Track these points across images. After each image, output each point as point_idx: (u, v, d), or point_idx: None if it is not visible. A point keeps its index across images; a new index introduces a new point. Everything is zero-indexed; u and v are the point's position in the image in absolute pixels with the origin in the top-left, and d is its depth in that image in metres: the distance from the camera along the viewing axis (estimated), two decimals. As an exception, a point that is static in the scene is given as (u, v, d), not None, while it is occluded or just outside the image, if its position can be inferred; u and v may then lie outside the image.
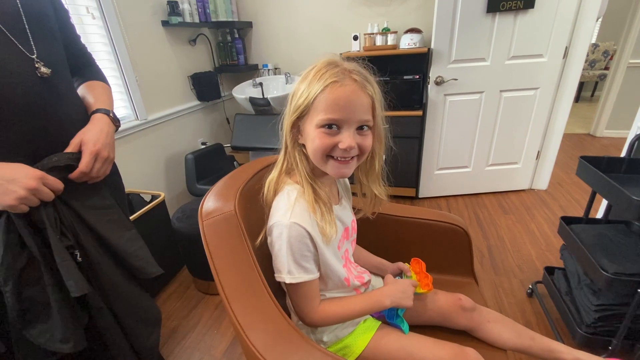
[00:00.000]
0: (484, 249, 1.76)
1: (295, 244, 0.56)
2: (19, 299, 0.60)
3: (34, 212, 0.60)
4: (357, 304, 0.65)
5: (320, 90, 0.55)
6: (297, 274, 0.57)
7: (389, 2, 2.17)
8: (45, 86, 0.63)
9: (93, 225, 0.69)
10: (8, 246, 0.58)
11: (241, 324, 0.46)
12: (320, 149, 0.57)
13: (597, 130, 3.39)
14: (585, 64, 4.80)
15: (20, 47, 0.59)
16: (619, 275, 0.98)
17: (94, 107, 0.74)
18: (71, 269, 0.62)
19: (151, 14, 1.84)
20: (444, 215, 0.87)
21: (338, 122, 0.56)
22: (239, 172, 0.70)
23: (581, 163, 1.15)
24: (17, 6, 0.60)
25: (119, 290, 0.72)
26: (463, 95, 2.01)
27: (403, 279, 0.76)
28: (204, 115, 2.37)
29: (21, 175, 0.56)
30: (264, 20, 2.45)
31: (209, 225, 0.57)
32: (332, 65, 0.57)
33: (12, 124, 0.59)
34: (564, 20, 1.83)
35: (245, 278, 0.52)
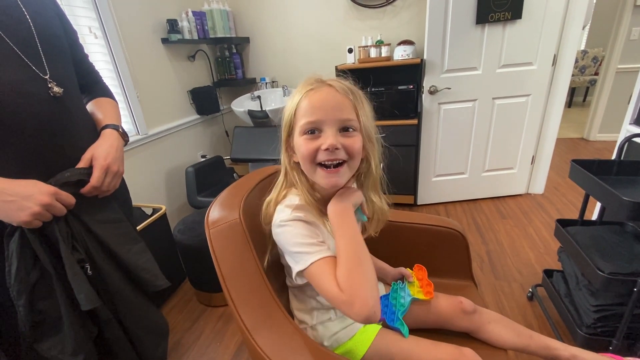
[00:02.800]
0: (483, 254, 1.77)
1: (299, 231, 0.56)
2: (32, 312, 0.61)
3: (46, 227, 0.62)
4: (339, 237, 0.56)
5: (298, 100, 0.58)
6: (317, 251, 0.55)
7: (382, 15, 2.24)
8: (57, 105, 0.66)
9: (103, 238, 0.71)
10: (22, 261, 0.60)
11: (248, 327, 0.48)
12: (306, 156, 0.57)
13: (590, 135, 3.45)
14: (576, 70, 4.92)
15: (34, 68, 0.63)
16: (615, 275, 1.00)
17: (103, 122, 0.77)
18: (82, 283, 0.64)
19: (151, 32, 1.89)
20: (441, 220, 0.89)
21: (317, 124, 0.56)
22: (242, 182, 0.72)
23: (573, 166, 1.19)
24: (31, 28, 0.63)
25: (127, 302, 0.74)
26: (457, 103, 2.06)
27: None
28: (203, 128, 2.41)
29: (35, 192, 0.59)
30: (261, 35, 2.52)
31: (215, 234, 0.59)
32: (310, 79, 0.61)
33: (26, 142, 0.61)
34: (551, 29, 1.90)
35: (251, 284, 0.54)
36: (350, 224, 0.57)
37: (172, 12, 2.03)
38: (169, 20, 1.94)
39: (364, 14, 2.26)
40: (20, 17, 0.62)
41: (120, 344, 0.73)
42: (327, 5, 2.30)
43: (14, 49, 0.60)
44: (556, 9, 1.85)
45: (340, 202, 0.59)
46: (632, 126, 1.30)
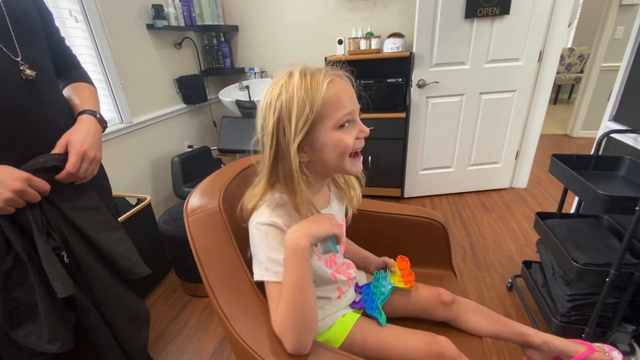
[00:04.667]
0: (466, 246, 1.81)
1: (271, 242, 0.55)
2: (6, 301, 0.60)
3: (20, 214, 0.61)
4: (286, 275, 0.52)
5: (324, 93, 0.52)
6: (273, 273, 0.54)
7: (373, 7, 2.22)
8: (30, 88, 0.64)
9: (80, 226, 0.70)
10: None
11: (226, 314, 0.48)
12: (348, 149, 0.55)
13: (573, 131, 3.53)
14: (562, 68, 5.01)
15: (4, 49, 0.60)
16: (589, 266, 1.04)
17: (80, 108, 0.74)
18: (57, 270, 0.63)
19: (136, 17, 1.84)
20: (423, 211, 0.91)
21: (352, 114, 0.56)
22: (224, 172, 0.72)
23: (553, 161, 1.22)
24: (1, 9, 0.61)
25: (107, 290, 0.73)
26: (444, 97, 2.08)
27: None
28: (190, 118, 2.37)
29: (7, 177, 0.57)
30: (250, 24, 2.47)
31: (194, 221, 0.58)
32: (309, 70, 0.55)
33: (2, 132, 0.59)
34: (537, 26, 1.92)
35: (230, 271, 0.54)
36: (300, 264, 0.51)
37: (158, -3, 1.97)
38: (154, 6, 1.88)
39: (355, 5, 2.24)
40: None
41: (100, 332, 0.73)
42: (318, -5, 2.27)
43: None
44: (543, 6, 1.87)
45: (303, 236, 0.51)
46: (611, 122, 1.34)
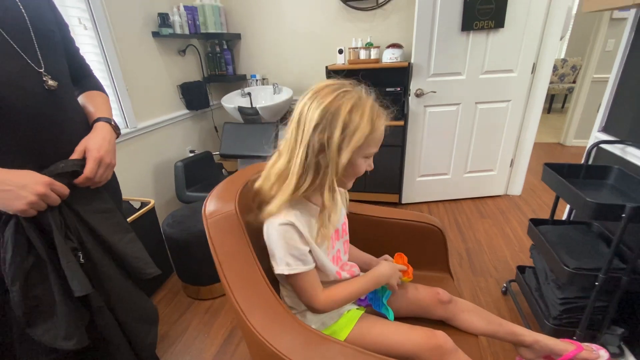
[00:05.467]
0: (462, 251, 1.85)
1: (289, 239, 0.63)
2: (26, 299, 0.63)
3: (41, 216, 0.64)
4: (358, 283, 0.73)
5: (370, 132, 0.63)
6: (295, 266, 0.64)
7: (372, 18, 2.29)
8: (51, 98, 0.67)
9: (95, 228, 0.73)
10: (16, 248, 0.62)
11: (242, 309, 0.52)
12: (359, 175, 0.68)
13: (566, 140, 3.61)
14: (556, 78, 5.12)
15: (29, 61, 0.64)
16: (579, 270, 1.08)
17: (95, 116, 0.78)
18: (75, 270, 0.66)
19: (142, 25, 1.88)
20: (421, 216, 0.95)
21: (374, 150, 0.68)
22: (236, 177, 0.75)
23: (545, 169, 1.27)
24: (26, 22, 0.65)
25: (118, 290, 0.76)
26: (441, 106, 2.14)
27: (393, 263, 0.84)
28: (192, 123, 2.41)
29: (31, 182, 0.60)
30: (252, 33, 2.53)
31: (213, 223, 0.62)
32: (368, 101, 0.65)
33: (21, 134, 0.63)
34: (531, 38, 2.00)
35: (246, 270, 0.58)
36: (373, 287, 0.75)
37: (164, 5, 2.02)
38: (160, 14, 1.93)
39: (355, 16, 2.30)
40: (15, 10, 0.64)
41: (111, 330, 0.76)
42: (319, 5, 2.33)
43: (10, 42, 0.61)
44: (536, 20, 1.95)
45: (382, 276, 0.76)
46: (600, 133, 1.40)
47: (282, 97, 2.39)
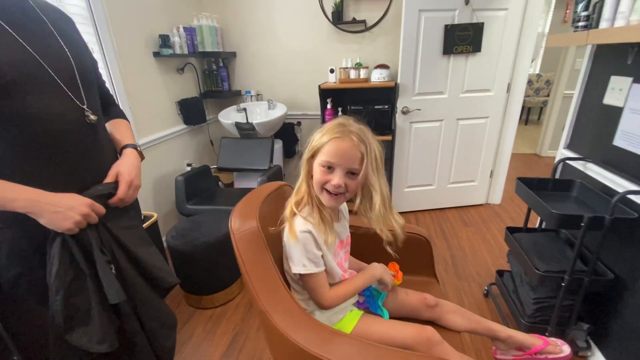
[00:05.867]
0: (448, 258, 1.99)
1: (307, 245, 0.76)
2: (66, 307, 0.71)
3: (82, 233, 0.73)
4: (357, 280, 0.87)
5: (327, 141, 0.75)
6: (310, 267, 0.77)
7: (361, 40, 2.45)
8: (91, 130, 0.77)
9: (123, 242, 0.82)
10: (62, 262, 0.70)
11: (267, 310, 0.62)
12: (318, 182, 0.78)
13: (542, 151, 3.86)
14: (531, 91, 5.45)
15: (74, 99, 0.74)
16: (548, 273, 1.23)
17: (123, 143, 0.88)
18: (111, 280, 0.75)
19: (144, 46, 1.98)
20: (410, 227, 1.07)
21: (332, 164, 0.76)
22: (254, 195, 0.86)
23: (518, 183, 1.43)
24: (72, 64, 0.75)
25: (144, 298, 0.85)
26: (426, 122, 2.30)
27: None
28: (189, 138, 2.49)
29: (76, 204, 0.70)
30: (247, 51, 2.65)
31: (240, 238, 0.72)
32: (341, 125, 0.77)
33: (65, 162, 0.73)
34: (505, 61, 2.20)
35: (268, 277, 0.68)
36: (369, 280, 0.90)
37: (164, 27, 2.12)
38: (161, 36, 2.03)
39: (345, 38, 2.46)
40: (63, 54, 0.74)
41: (137, 335, 0.84)
42: (311, 26, 2.48)
43: (60, 83, 0.71)
44: (509, 46, 2.15)
45: (376, 273, 0.91)
46: (565, 150, 1.57)
47: (277, 112, 2.51)
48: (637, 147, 1.13)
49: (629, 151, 1.16)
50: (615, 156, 1.24)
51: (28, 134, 0.67)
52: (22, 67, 0.65)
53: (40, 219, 0.67)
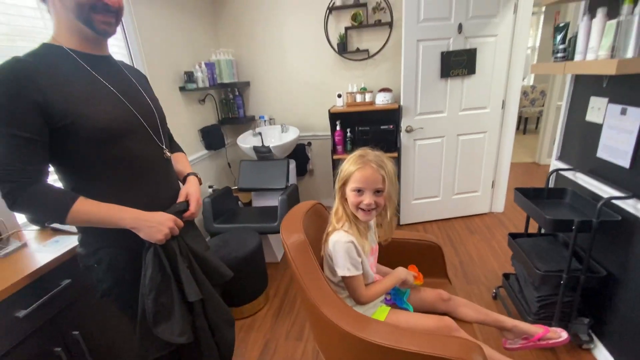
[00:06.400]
0: (457, 264, 2.14)
1: (350, 252, 0.93)
2: (155, 304, 0.87)
3: (167, 243, 0.90)
4: (386, 281, 1.05)
5: (353, 171, 0.95)
6: (353, 270, 0.94)
7: (365, 66, 2.68)
8: (166, 163, 0.97)
9: (194, 248, 0.99)
10: (154, 267, 0.87)
11: (317, 304, 0.78)
12: (353, 203, 0.97)
13: (540, 159, 4.03)
14: (527, 102, 5.67)
15: (157, 141, 0.94)
16: (548, 272, 1.38)
17: (186, 172, 1.08)
18: (191, 281, 0.92)
19: (172, 82, 2.21)
20: (423, 236, 1.24)
21: (362, 188, 0.95)
22: (295, 213, 1.03)
23: (516, 193, 1.59)
24: (155, 115, 0.96)
25: (210, 297, 1.00)
26: (429, 139, 2.49)
27: None
28: (210, 161, 2.69)
29: (165, 219, 0.87)
30: (260, 79, 2.89)
31: (292, 247, 0.89)
32: (361, 157, 0.97)
33: (150, 189, 0.92)
34: (498, 81, 2.40)
35: (316, 279, 0.84)
36: (396, 280, 1.07)
37: (188, 64, 2.36)
38: (186, 72, 2.26)
39: (350, 65, 2.69)
40: (149, 106, 0.94)
41: (204, 330, 0.99)
42: (318, 56, 2.72)
43: (149, 131, 0.92)
44: (501, 67, 2.36)
45: (401, 275, 1.08)
46: (557, 161, 1.74)
47: (290, 136, 2.72)
48: (616, 158, 1.30)
49: (610, 162, 1.33)
50: (599, 166, 1.41)
51: (126, 169, 0.86)
52: (125, 121, 0.85)
53: (140, 233, 0.84)
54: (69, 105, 0.75)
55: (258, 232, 1.98)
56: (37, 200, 0.75)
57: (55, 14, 0.79)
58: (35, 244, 1.16)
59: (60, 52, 0.79)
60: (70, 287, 1.06)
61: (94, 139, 0.79)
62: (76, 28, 0.79)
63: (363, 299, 0.97)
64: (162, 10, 2.12)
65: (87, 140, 0.78)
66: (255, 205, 2.63)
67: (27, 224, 1.29)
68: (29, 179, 0.74)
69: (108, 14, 0.79)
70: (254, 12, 2.69)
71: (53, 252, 1.07)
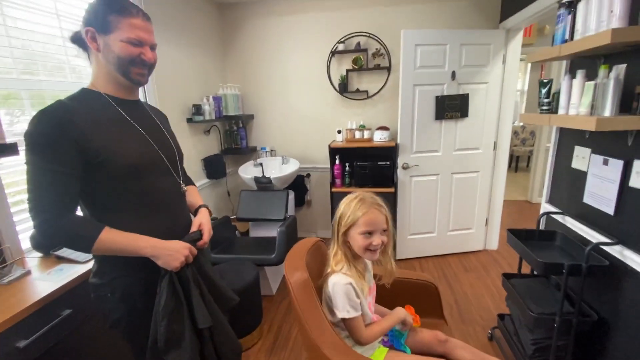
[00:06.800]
0: (452, 302, 2.14)
1: (349, 294, 0.96)
2: (167, 331, 0.88)
3: (182, 270, 0.93)
4: (385, 322, 1.07)
5: (360, 216, 1.00)
6: (352, 312, 0.96)
7: (363, 105, 2.83)
8: (183, 198, 1.04)
9: (207, 273, 1.02)
10: (169, 293, 0.89)
11: (319, 344, 0.80)
12: (362, 246, 1.01)
13: (532, 198, 4.13)
14: (518, 141, 5.89)
15: (176, 176, 1.00)
16: (541, 315, 1.40)
17: (197, 204, 1.13)
18: (202, 308, 0.93)
19: (180, 114, 2.31)
20: (419, 275, 1.27)
21: (371, 231, 1.01)
22: (297, 250, 1.07)
23: (508, 234, 1.65)
24: (175, 152, 1.02)
25: (219, 324, 1.01)
26: (424, 176, 2.58)
27: None
28: (210, 190, 2.74)
29: (181, 248, 0.91)
30: (264, 112, 3.02)
31: (295, 285, 0.92)
32: (361, 201, 1.02)
33: (168, 220, 0.97)
34: (490, 124, 2.54)
35: (318, 318, 0.87)
36: (395, 321, 1.09)
37: (196, 97, 2.48)
38: (194, 105, 2.37)
39: (349, 104, 2.84)
40: (170, 146, 1.01)
41: (212, 358, 0.99)
42: (320, 93, 2.87)
43: (169, 167, 0.99)
44: (492, 112, 2.51)
45: (400, 316, 1.09)
46: (547, 204, 1.82)
47: (290, 167, 2.80)
48: (601, 205, 1.38)
49: (596, 208, 1.41)
50: (586, 211, 1.49)
51: (147, 202, 0.92)
52: (151, 158, 0.93)
53: (158, 261, 0.88)
54: (103, 143, 0.83)
55: (255, 264, 1.99)
56: (67, 231, 0.80)
57: (96, 64, 0.89)
58: (38, 271, 1.17)
59: (97, 96, 0.89)
60: (70, 317, 1.07)
61: (122, 174, 0.86)
62: (113, 77, 0.89)
63: (363, 340, 0.99)
64: (176, 47, 2.26)
65: (115, 175, 0.85)
66: (252, 235, 2.64)
67: (30, 250, 1.30)
68: (62, 211, 0.79)
69: (143, 68, 0.89)
70: (261, 50, 2.86)
71: (57, 281, 1.08)
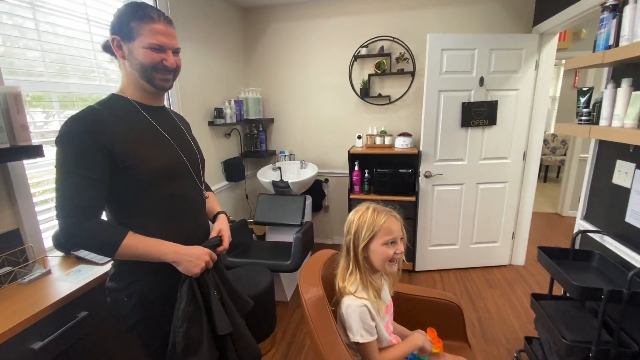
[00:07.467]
0: (474, 320, 2.03)
1: (364, 317, 0.91)
2: (185, 337, 0.86)
3: (202, 276, 0.92)
4: (402, 347, 1.01)
5: (382, 223, 0.95)
6: (366, 336, 0.91)
7: (385, 110, 2.76)
8: (204, 203, 1.04)
9: (225, 278, 1.02)
10: (188, 299, 0.88)
11: (332, 365, 0.76)
12: (384, 258, 0.95)
13: (562, 210, 3.90)
14: (548, 150, 5.61)
15: (198, 183, 1.00)
16: (575, 343, 1.29)
17: (216, 210, 1.12)
18: (222, 314, 0.92)
19: (202, 117, 2.33)
20: (442, 294, 1.19)
21: (395, 239, 0.96)
22: (313, 264, 1.03)
23: (539, 252, 1.54)
24: (198, 159, 1.03)
25: (239, 329, 1.00)
26: (448, 186, 2.48)
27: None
28: (228, 193, 2.75)
29: (202, 254, 0.90)
30: (284, 116, 3.01)
31: (310, 303, 0.88)
32: (375, 211, 0.98)
33: (189, 225, 0.98)
34: (520, 133, 2.41)
35: (332, 338, 0.82)
36: (412, 347, 1.01)
37: (219, 101, 2.50)
38: (216, 109, 2.39)
39: (371, 109, 2.78)
40: (194, 153, 1.01)
41: None
42: (341, 97, 2.83)
43: (192, 173, 0.99)
44: (522, 119, 2.38)
45: (418, 342, 1.01)
46: (583, 221, 1.68)
47: (309, 172, 2.77)
48: (647, 226, 1.25)
49: (640, 229, 1.29)
50: (628, 232, 1.36)
51: (171, 207, 0.92)
52: (176, 164, 0.94)
53: (179, 267, 0.88)
54: (131, 149, 0.84)
55: (270, 270, 1.97)
56: (92, 236, 0.81)
57: (124, 71, 0.90)
58: (58, 271, 1.19)
59: (125, 102, 0.90)
60: (86, 319, 1.08)
61: (147, 180, 0.86)
62: (139, 84, 0.90)
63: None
64: (201, 51, 2.29)
65: (140, 181, 0.86)
66: (269, 239, 2.63)
67: (52, 249, 1.34)
68: (88, 216, 0.80)
69: (167, 73, 0.90)
70: (283, 54, 2.86)
71: (75, 282, 1.10)
